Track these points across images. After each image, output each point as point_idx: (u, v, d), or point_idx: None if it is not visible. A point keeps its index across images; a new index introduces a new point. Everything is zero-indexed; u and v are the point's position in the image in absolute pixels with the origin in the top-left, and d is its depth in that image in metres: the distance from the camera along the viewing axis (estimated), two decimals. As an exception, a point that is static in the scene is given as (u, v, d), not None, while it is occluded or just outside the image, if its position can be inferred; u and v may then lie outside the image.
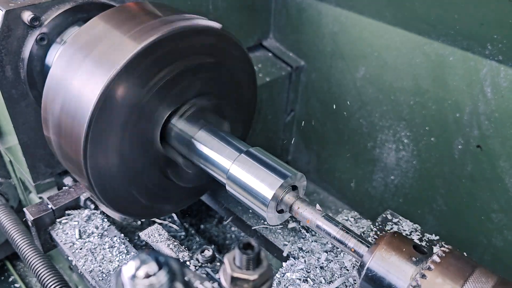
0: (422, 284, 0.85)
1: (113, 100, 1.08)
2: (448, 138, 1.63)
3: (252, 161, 1.14)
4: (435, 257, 0.88)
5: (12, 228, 1.47)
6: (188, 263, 1.21)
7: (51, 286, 1.30)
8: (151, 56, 1.10)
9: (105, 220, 1.35)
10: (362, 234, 1.24)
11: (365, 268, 0.93)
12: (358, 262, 0.99)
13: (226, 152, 1.19)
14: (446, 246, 0.93)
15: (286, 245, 1.27)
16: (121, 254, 1.25)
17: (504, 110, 1.45)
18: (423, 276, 0.86)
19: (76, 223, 1.33)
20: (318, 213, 1.06)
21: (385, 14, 1.65)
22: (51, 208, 1.33)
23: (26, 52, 1.30)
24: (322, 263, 1.19)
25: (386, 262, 0.91)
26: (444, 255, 0.88)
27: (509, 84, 1.41)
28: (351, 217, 1.34)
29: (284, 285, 1.14)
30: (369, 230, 1.25)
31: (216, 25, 1.22)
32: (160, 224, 1.48)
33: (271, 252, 1.31)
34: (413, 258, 0.90)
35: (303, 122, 2.19)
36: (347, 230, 1.02)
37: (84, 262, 1.23)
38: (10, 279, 1.98)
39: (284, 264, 1.21)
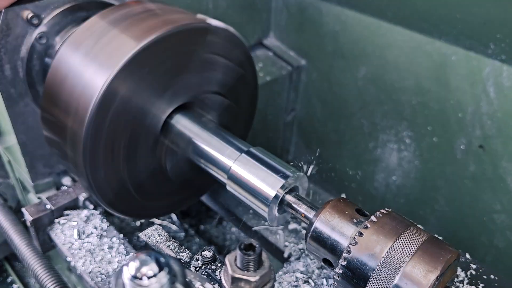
0: (359, 241, 0.92)
1: (114, 98, 1.07)
2: (450, 138, 1.63)
3: (253, 161, 1.13)
4: (372, 218, 0.95)
5: (11, 228, 1.46)
6: (188, 263, 1.20)
7: (49, 287, 1.29)
8: (152, 54, 1.09)
9: (104, 220, 1.34)
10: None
11: (311, 229, 1.00)
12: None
13: (227, 151, 1.18)
14: (386, 209, 0.99)
15: (287, 246, 1.26)
16: (120, 254, 1.24)
17: (506, 110, 1.45)
18: (360, 234, 0.93)
19: (75, 223, 1.32)
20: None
21: (387, 13, 1.64)
22: (50, 208, 1.32)
23: (25, 51, 1.29)
24: (323, 264, 1.18)
25: (329, 223, 0.98)
26: (381, 215, 0.95)
27: (512, 83, 1.40)
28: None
29: (285, 287, 1.13)
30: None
31: (217, 23, 1.21)
32: (159, 224, 1.47)
33: (272, 253, 1.31)
34: (354, 219, 0.97)
35: (303, 121, 2.18)
36: (300, 198, 1.09)
37: (83, 262, 1.22)
38: (9, 280, 1.98)
39: (284, 265, 1.20)
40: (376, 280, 0.88)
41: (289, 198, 1.09)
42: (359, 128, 1.93)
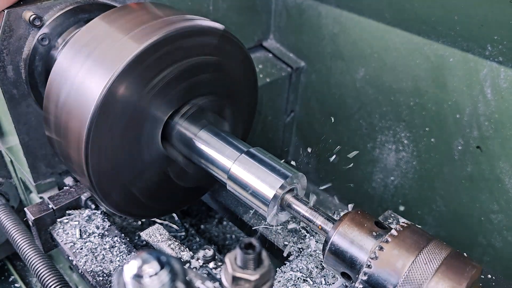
0: (380, 256, 0.90)
1: (115, 100, 1.08)
2: (448, 139, 1.64)
3: (252, 161, 1.14)
4: (393, 231, 0.93)
5: (13, 228, 1.47)
6: (189, 263, 1.21)
7: (51, 286, 1.30)
8: (153, 56, 1.10)
9: (106, 220, 1.35)
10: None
11: (329, 242, 0.98)
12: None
13: (227, 152, 1.20)
14: (405, 222, 0.97)
15: (287, 245, 1.27)
16: (121, 254, 1.25)
17: (504, 111, 1.46)
18: (381, 248, 0.90)
19: (77, 223, 1.33)
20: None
21: (385, 15, 1.65)
22: (52, 208, 1.33)
23: (27, 52, 1.30)
24: (322, 263, 1.20)
25: (348, 237, 0.96)
26: (401, 229, 0.93)
27: (509, 85, 1.41)
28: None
29: (285, 285, 1.14)
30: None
31: (218, 25, 1.22)
32: (160, 224, 1.48)
33: (272, 252, 1.32)
34: (374, 233, 0.95)
35: (303, 122, 2.20)
36: (316, 209, 1.07)
37: (85, 262, 1.23)
38: (11, 279, 1.98)
39: (284, 264, 1.21)
40: (399, 296, 0.85)
41: (289, 197, 1.10)
42: (358, 129, 1.94)
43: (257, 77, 1.45)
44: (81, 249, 1.26)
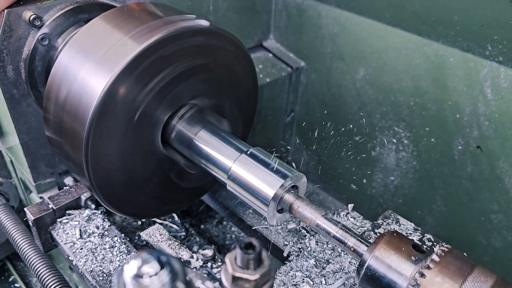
0: (422, 283, 0.85)
1: (115, 100, 1.08)
2: (448, 139, 1.64)
3: (252, 161, 1.14)
4: (434, 256, 0.88)
5: (13, 228, 1.47)
6: (189, 262, 1.21)
7: (51, 286, 1.30)
8: (152, 56, 1.10)
9: (106, 220, 1.35)
10: (362, 235, 1.25)
11: (365, 267, 0.93)
12: (358, 262, 1.00)
13: (227, 152, 1.20)
14: (445, 245, 0.94)
15: (287, 245, 1.27)
16: (121, 254, 1.26)
17: (504, 111, 1.46)
18: (422, 275, 0.86)
19: (77, 223, 1.33)
20: (318, 213, 1.07)
21: (385, 15, 1.65)
22: (52, 208, 1.33)
23: (27, 52, 1.30)
24: (322, 263, 1.20)
25: (385, 261, 0.91)
26: (443, 254, 0.89)
27: (509, 85, 1.41)
28: (351, 217, 1.35)
29: (285, 285, 1.14)
30: (369, 231, 1.26)
31: (213, 26, 1.22)
32: (160, 224, 1.48)
33: (272, 252, 1.32)
34: (412, 257, 0.90)
35: (303, 122, 2.20)
36: (347, 230, 1.02)
37: (85, 262, 1.23)
38: (11, 279, 1.98)
39: (284, 264, 1.21)
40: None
41: (289, 197, 1.10)
42: (358, 129, 1.94)
43: (257, 77, 1.45)
44: (81, 249, 1.26)
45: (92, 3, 1.37)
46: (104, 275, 1.20)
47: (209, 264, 1.21)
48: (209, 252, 1.22)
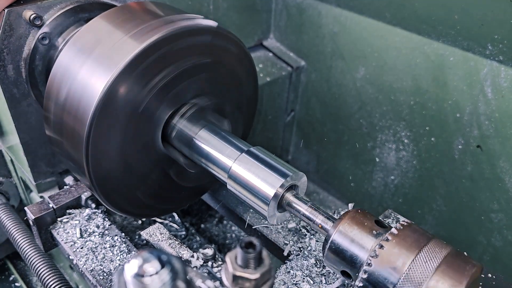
0: (380, 254, 0.90)
1: (115, 100, 1.08)
2: (448, 138, 1.64)
3: (253, 160, 1.14)
4: (393, 230, 0.93)
5: (13, 227, 1.47)
6: (189, 262, 1.21)
7: (52, 285, 1.30)
8: (153, 56, 1.10)
9: (106, 219, 1.35)
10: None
11: (329, 241, 0.98)
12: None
13: (227, 151, 1.20)
14: (405, 220, 0.98)
15: (287, 244, 1.27)
16: (122, 253, 1.26)
17: (504, 111, 1.46)
18: (381, 247, 0.91)
19: (77, 222, 1.34)
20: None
21: (385, 14, 1.65)
22: (52, 207, 1.33)
23: (27, 52, 1.31)
24: (323, 262, 1.20)
25: (348, 235, 0.96)
26: (401, 228, 0.93)
27: (510, 84, 1.42)
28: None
29: (285, 285, 1.14)
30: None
31: (216, 24, 1.22)
32: (161, 223, 1.48)
33: (272, 251, 1.32)
34: (374, 231, 0.95)
35: (303, 122, 2.20)
36: (316, 208, 1.07)
37: (85, 261, 1.23)
38: (11, 278, 1.99)
39: (284, 263, 1.21)
40: (399, 295, 0.85)
41: (289, 197, 1.10)
42: (358, 128, 1.94)
43: (257, 76, 1.45)
44: (82, 248, 1.26)
45: (92, 2, 1.37)
46: (105, 274, 1.20)
47: (209, 263, 1.21)
48: (209, 251, 1.22)
